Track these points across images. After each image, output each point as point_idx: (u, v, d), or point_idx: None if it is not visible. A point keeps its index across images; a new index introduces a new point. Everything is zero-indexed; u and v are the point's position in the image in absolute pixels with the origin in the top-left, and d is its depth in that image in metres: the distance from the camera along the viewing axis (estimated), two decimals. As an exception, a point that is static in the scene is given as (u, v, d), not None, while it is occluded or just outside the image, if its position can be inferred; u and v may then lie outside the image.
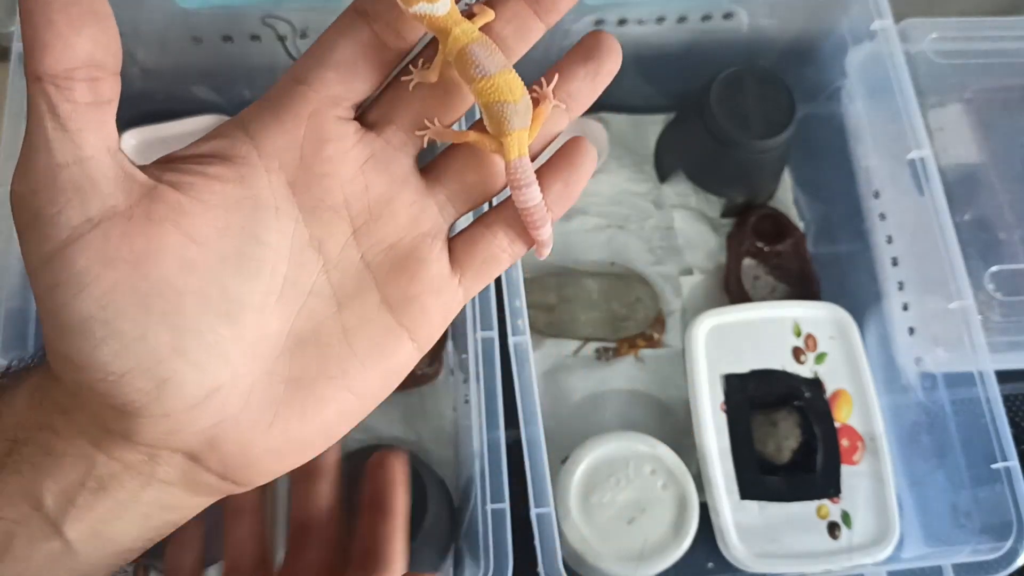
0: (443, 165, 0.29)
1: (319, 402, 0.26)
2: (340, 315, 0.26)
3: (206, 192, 0.24)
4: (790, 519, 0.63)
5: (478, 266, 0.29)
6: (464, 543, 0.61)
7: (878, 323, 0.70)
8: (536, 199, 0.28)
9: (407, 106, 0.27)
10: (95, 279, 0.23)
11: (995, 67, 0.77)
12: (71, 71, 0.22)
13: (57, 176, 0.22)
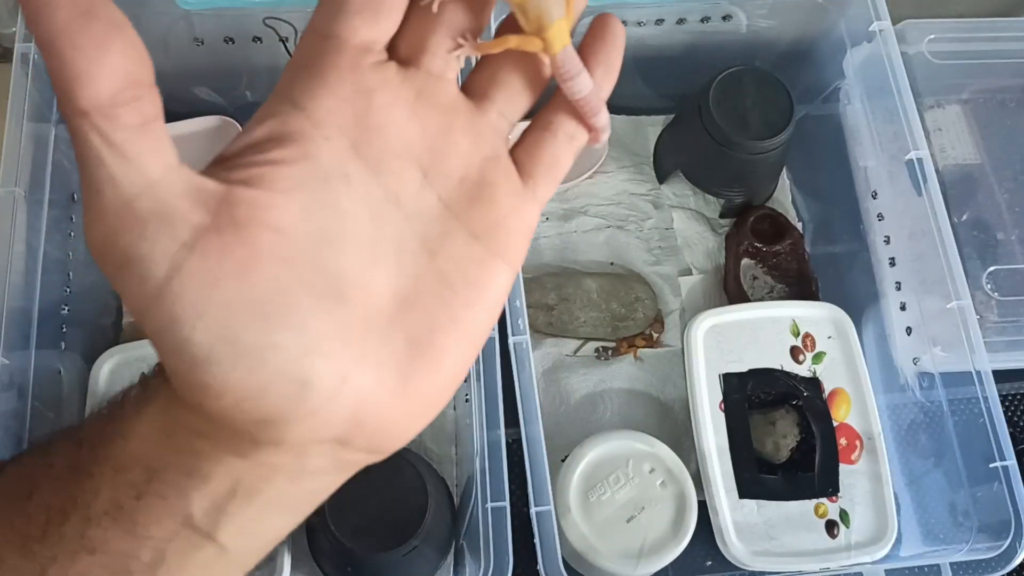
0: (484, 80, 0.28)
1: (439, 353, 0.25)
2: (434, 263, 0.26)
3: (278, 180, 0.23)
4: (788, 518, 0.64)
5: (546, 170, 0.28)
6: (465, 541, 0.61)
7: (876, 323, 0.71)
8: (589, 85, 0.27)
9: (435, 29, 0.26)
10: (209, 303, 0.22)
11: (993, 68, 0.77)
12: (114, 96, 0.21)
13: (134, 210, 0.21)
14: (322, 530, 0.57)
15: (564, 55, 0.27)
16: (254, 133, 0.24)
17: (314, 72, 0.25)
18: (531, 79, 0.28)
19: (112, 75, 0.21)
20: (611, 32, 0.28)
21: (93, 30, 0.20)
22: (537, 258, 0.75)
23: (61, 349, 0.62)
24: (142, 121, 0.21)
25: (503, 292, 0.27)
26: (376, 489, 0.58)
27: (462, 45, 0.26)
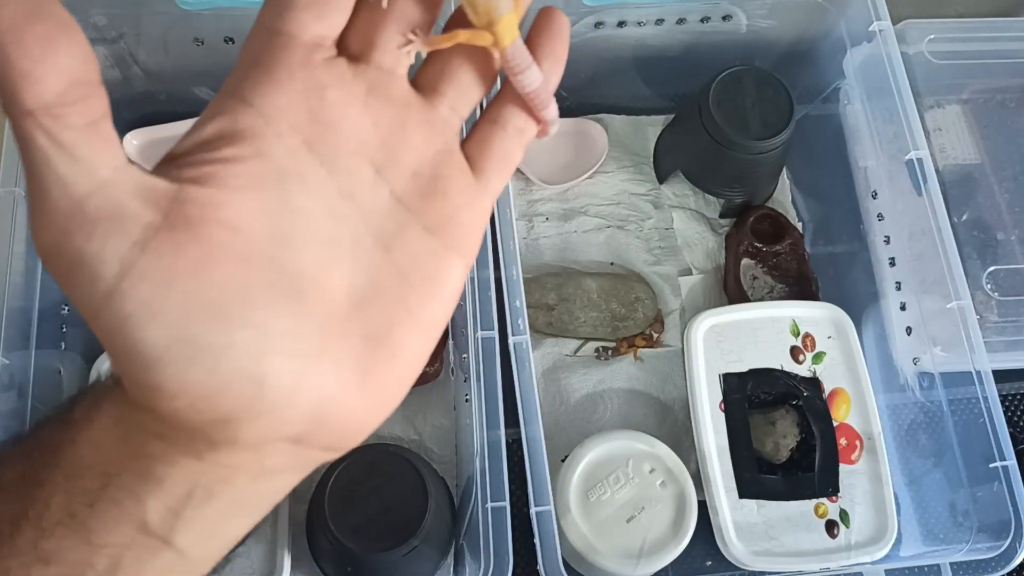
0: (434, 74, 0.28)
1: (396, 347, 0.25)
2: (390, 257, 0.26)
3: (230, 178, 0.23)
4: (788, 518, 0.64)
5: (497, 164, 0.28)
6: (465, 541, 0.61)
7: (876, 323, 0.71)
8: (539, 79, 0.27)
9: (385, 25, 0.26)
10: (164, 302, 0.21)
11: (993, 68, 0.77)
12: (61, 95, 0.20)
13: (83, 210, 0.21)
14: (322, 530, 0.57)
15: (513, 48, 0.26)
16: (204, 131, 0.24)
17: (264, 69, 0.24)
18: (481, 73, 0.28)
19: (58, 75, 0.20)
20: (557, 24, 0.28)
21: (39, 30, 0.20)
22: (537, 258, 0.75)
23: (61, 349, 0.62)
24: (89, 120, 0.21)
25: (458, 285, 0.27)
26: (376, 489, 0.58)
27: (412, 40, 0.26)
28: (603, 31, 0.72)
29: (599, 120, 0.80)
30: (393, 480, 0.59)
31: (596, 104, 0.81)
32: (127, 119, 0.74)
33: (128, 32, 0.66)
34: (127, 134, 0.73)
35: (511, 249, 0.59)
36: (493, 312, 0.57)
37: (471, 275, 0.58)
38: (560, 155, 0.79)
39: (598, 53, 0.75)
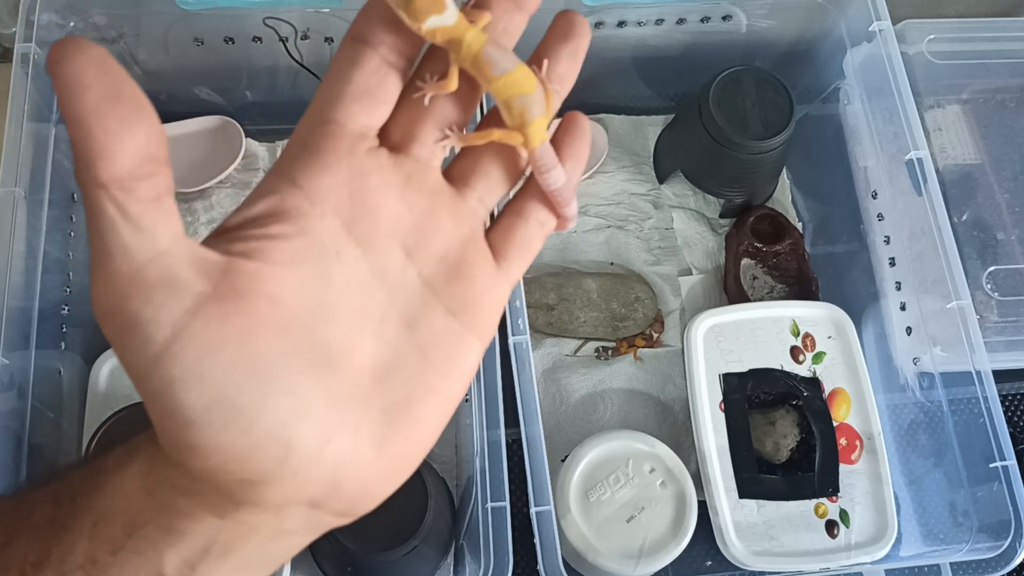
0: (466, 167, 0.29)
1: (414, 420, 0.27)
2: (413, 335, 0.27)
3: (275, 253, 0.25)
4: (788, 518, 0.64)
5: (517, 253, 0.30)
6: (465, 541, 0.61)
7: (876, 323, 0.71)
8: (563, 178, 0.29)
9: (424, 120, 0.28)
10: (210, 367, 0.23)
11: (993, 68, 0.77)
12: (132, 171, 0.22)
13: (142, 276, 0.22)
14: (322, 530, 0.57)
15: (542, 150, 0.29)
16: (254, 208, 0.26)
17: (313, 154, 0.26)
18: (509, 170, 0.30)
19: (133, 153, 0.22)
20: (580, 128, 0.30)
21: (120, 111, 0.22)
22: (537, 258, 0.75)
23: (61, 349, 0.62)
24: (156, 195, 0.23)
25: (475, 364, 0.29)
26: (376, 489, 0.58)
27: (448, 136, 0.28)
28: (603, 31, 0.72)
29: (599, 120, 0.80)
30: (393, 480, 0.59)
31: (596, 104, 0.81)
32: (127, 119, 0.74)
33: (128, 32, 0.66)
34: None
35: (511, 249, 0.59)
36: (493, 312, 0.57)
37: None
38: (560, 155, 0.79)
39: (598, 53, 0.75)
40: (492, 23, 0.28)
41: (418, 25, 0.26)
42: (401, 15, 0.26)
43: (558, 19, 0.30)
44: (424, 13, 0.26)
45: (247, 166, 0.75)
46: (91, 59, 0.21)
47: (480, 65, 0.28)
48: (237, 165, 0.74)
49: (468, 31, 0.27)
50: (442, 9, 0.27)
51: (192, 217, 0.73)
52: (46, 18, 0.60)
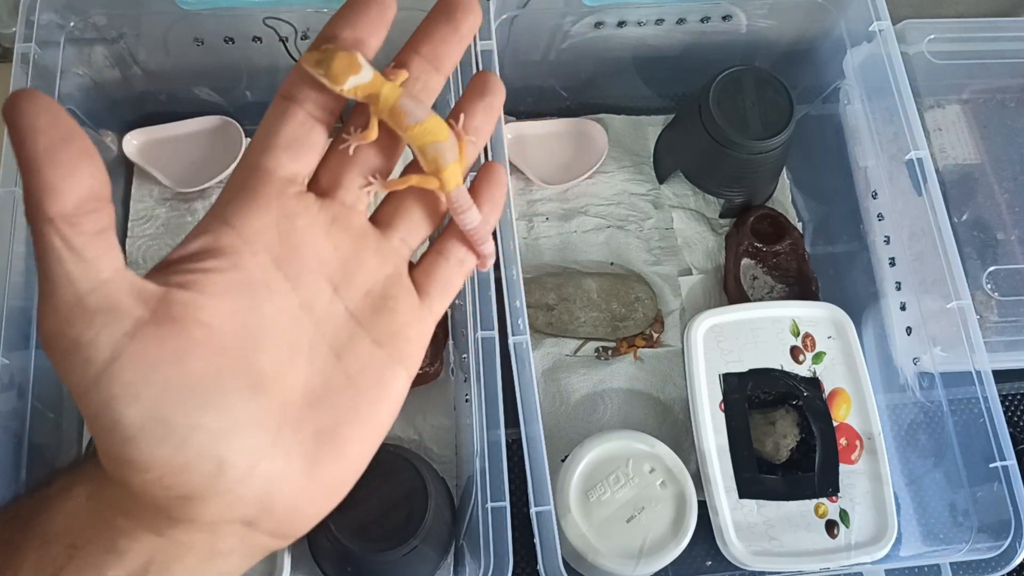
0: (390, 211, 0.32)
1: (343, 444, 0.29)
2: (341, 364, 0.29)
3: (209, 285, 0.27)
4: (788, 518, 0.64)
5: (439, 289, 0.32)
6: (465, 541, 0.61)
7: (876, 323, 0.71)
8: (477, 218, 0.32)
9: (350, 168, 0.31)
10: (146, 386, 0.25)
11: (993, 68, 0.77)
12: (77, 207, 0.24)
13: (86, 303, 0.24)
14: (322, 530, 0.57)
15: (457, 193, 0.32)
16: (190, 246, 0.28)
17: (246, 197, 0.29)
18: (429, 212, 0.33)
19: (79, 191, 0.24)
20: (496, 175, 0.34)
21: (68, 153, 0.24)
22: (537, 258, 0.75)
23: (61, 349, 0.62)
24: (99, 229, 0.25)
25: (402, 392, 0.31)
26: (376, 489, 0.58)
27: (372, 182, 0.31)
28: (603, 31, 0.72)
29: (599, 120, 0.80)
30: (393, 480, 0.59)
31: (596, 104, 0.81)
32: (127, 119, 0.74)
33: (128, 32, 0.66)
34: (127, 134, 0.73)
35: (511, 249, 0.59)
36: (493, 312, 0.57)
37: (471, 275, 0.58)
38: (560, 155, 0.79)
39: (598, 53, 0.75)
40: (411, 81, 0.32)
41: (339, 87, 0.30)
42: (322, 80, 0.30)
43: (475, 78, 0.34)
44: (343, 76, 0.30)
45: (247, 166, 0.75)
46: (44, 108, 0.24)
47: (396, 116, 0.31)
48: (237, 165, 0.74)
49: (384, 86, 0.31)
50: (358, 70, 0.30)
51: (192, 217, 0.73)
52: (46, 18, 0.60)
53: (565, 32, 0.72)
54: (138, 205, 0.73)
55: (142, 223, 0.73)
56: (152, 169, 0.73)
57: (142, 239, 0.72)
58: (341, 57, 0.30)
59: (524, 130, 0.78)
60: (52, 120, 0.24)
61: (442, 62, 0.32)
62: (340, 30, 0.30)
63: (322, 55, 0.30)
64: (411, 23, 0.33)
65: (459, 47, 0.32)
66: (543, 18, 0.70)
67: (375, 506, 0.58)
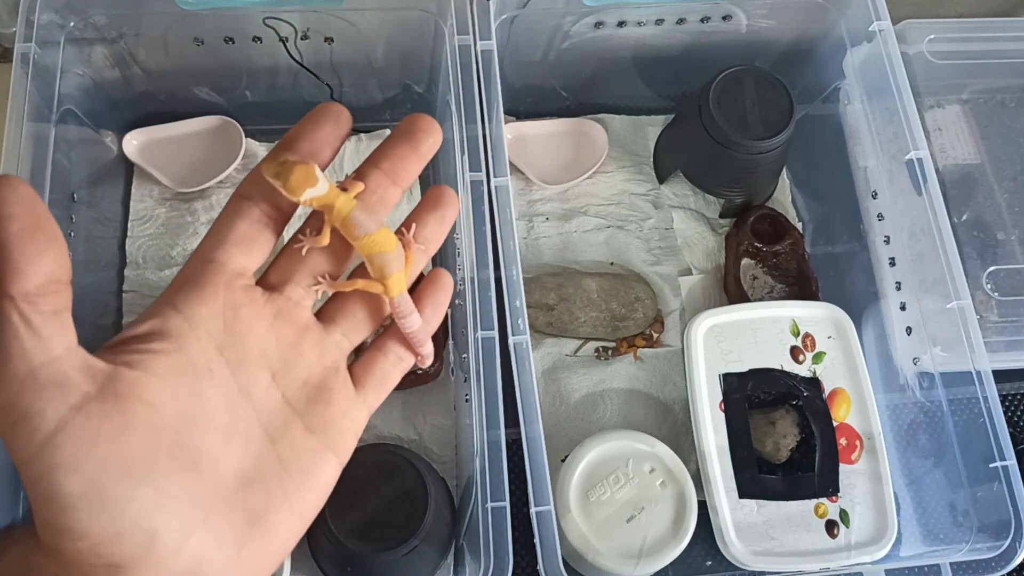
0: (335, 308, 0.34)
1: (272, 526, 0.30)
2: (274, 449, 0.31)
3: (154, 365, 0.29)
4: (788, 518, 0.64)
5: (376, 384, 0.34)
6: (465, 541, 0.61)
7: (876, 323, 0.71)
8: (417, 323, 0.34)
9: (301, 267, 0.33)
10: (86, 457, 0.26)
11: (993, 68, 0.77)
12: (39, 288, 0.26)
13: (37, 376, 0.26)
14: (322, 530, 0.57)
15: (400, 299, 0.34)
16: (139, 327, 0.30)
17: (195, 286, 0.31)
18: (372, 313, 0.34)
19: (42, 274, 0.26)
20: (441, 282, 0.36)
21: (36, 241, 0.26)
22: (537, 258, 0.75)
23: (61, 349, 0.62)
24: (55, 309, 0.27)
25: (331, 479, 0.32)
26: (376, 489, 0.58)
27: (320, 282, 0.33)
28: (603, 31, 0.72)
29: (599, 120, 0.80)
30: (393, 480, 0.59)
31: (596, 104, 0.81)
32: (127, 119, 0.74)
33: (128, 32, 0.66)
34: (128, 134, 0.73)
35: (511, 249, 0.59)
36: (493, 312, 0.57)
37: (471, 275, 0.58)
38: (560, 155, 0.79)
39: (598, 53, 0.75)
40: (368, 192, 0.34)
41: (296, 198, 0.32)
42: (280, 190, 0.31)
43: (431, 191, 0.36)
44: (300, 188, 0.31)
45: (247, 166, 0.75)
46: (21, 197, 0.26)
47: (348, 226, 0.33)
48: (237, 165, 0.74)
49: (339, 198, 0.33)
50: (315, 183, 0.32)
51: (192, 217, 0.73)
52: (46, 18, 0.60)
53: (565, 32, 0.72)
54: (138, 205, 0.73)
55: (142, 223, 0.73)
56: (152, 169, 0.73)
57: (142, 239, 0.72)
58: (299, 170, 0.31)
59: (524, 130, 0.78)
60: (26, 209, 0.26)
61: (400, 177, 0.34)
62: (298, 141, 0.32)
63: (281, 167, 0.31)
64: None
65: (418, 164, 0.34)
66: (543, 18, 0.70)
67: (375, 506, 0.58)
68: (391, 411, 0.68)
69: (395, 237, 0.34)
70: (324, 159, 0.33)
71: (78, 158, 0.66)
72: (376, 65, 0.72)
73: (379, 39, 0.69)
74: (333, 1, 0.64)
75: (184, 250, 0.72)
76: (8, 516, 0.54)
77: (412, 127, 0.34)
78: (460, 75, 0.62)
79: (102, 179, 0.72)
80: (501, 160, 0.61)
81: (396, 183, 0.34)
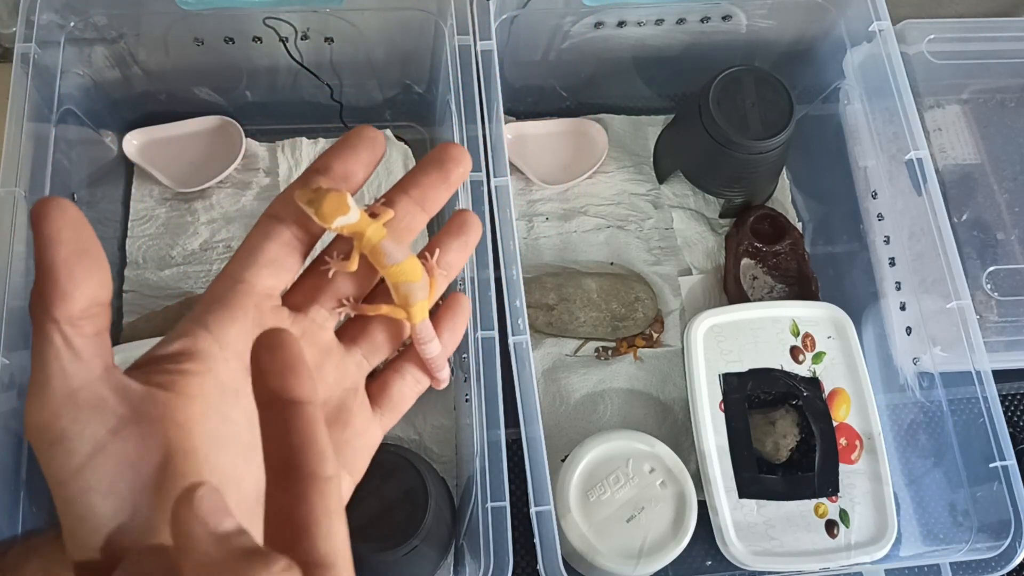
0: (356, 329, 0.35)
1: None
2: None
3: (185, 387, 0.29)
4: (788, 517, 0.64)
5: (392, 405, 0.35)
6: (465, 541, 0.61)
7: (876, 323, 0.71)
8: (437, 349, 0.35)
9: (326, 289, 0.34)
10: (122, 481, 0.26)
11: (992, 68, 0.77)
12: (83, 311, 0.26)
13: (76, 399, 0.26)
14: (322, 530, 0.57)
15: (422, 326, 0.34)
16: (170, 347, 0.30)
17: (225, 306, 0.31)
18: (392, 336, 0.35)
19: (87, 298, 0.26)
20: (459, 308, 0.36)
21: (84, 265, 0.26)
22: (537, 258, 0.75)
23: (61, 349, 0.62)
24: (96, 331, 0.27)
25: (345, 498, 0.32)
26: (376, 489, 0.58)
27: (344, 305, 0.34)
28: (603, 31, 0.72)
29: (599, 120, 0.80)
30: (393, 480, 0.59)
31: (596, 104, 0.81)
32: (127, 119, 0.74)
33: (128, 32, 0.66)
34: (128, 134, 0.73)
35: (511, 249, 0.59)
36: (493, 312, 0.57)
37: (471, 275, 0.58)
38: (560, 155, 0.79)
39: (598, 53, 0.75)
40: (396, 219, 0.34)
41: (328, 225, 0.32)
42: (312, 216, 0.32)
43: (456, 216, 0.36)
44: (332, 216, 0.32)
45: (247, 166, 0.75)
46: (70, 221, 0.26)
47: (377, 255, 0.33)
48: (237, 165, 0.74)
49: (369, 226, 0.33)
50: (347, 211, 0.32)
51: (192, 217, 0.73)
52: (46, 18, 0.60)
53: (565, 32, 0.72)
54: (138, 205, 0.73)
55: (142, 223, 0.73)
56: (152, 169, 0.73)
57: (142, 239, 0.72)
58: (332, 198, 0.32)
59: (524, 130, 0.78)
60: (75, 234, 0.26)
61: (428, 204, 0.35)
62: (332, 162, 0.33)
63: (314, 195, 0.32)
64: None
65: (446, 193, 0.35)
66: (543, 18, 0.70)
67: (375, 506, 0.58)
68: (391, 411, 0.68)
69: (421, 266, 0.34)
70: (357, 182, 0.33)
71: (78, 158, 0.66)
72: (376, 65, 0.72)
73: (379, 39, 0.70)
74: (333, 1, 0.64)
75: (184, 250, 0.72)
76: (6, 516, 0.54)
77: (443, 156, 0.34)
78: (460, 75, 0.62)
79: (102, 179, 0.72)
80: (501, 160, 0.61)
81: (424, 210, 0.35)
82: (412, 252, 0.34)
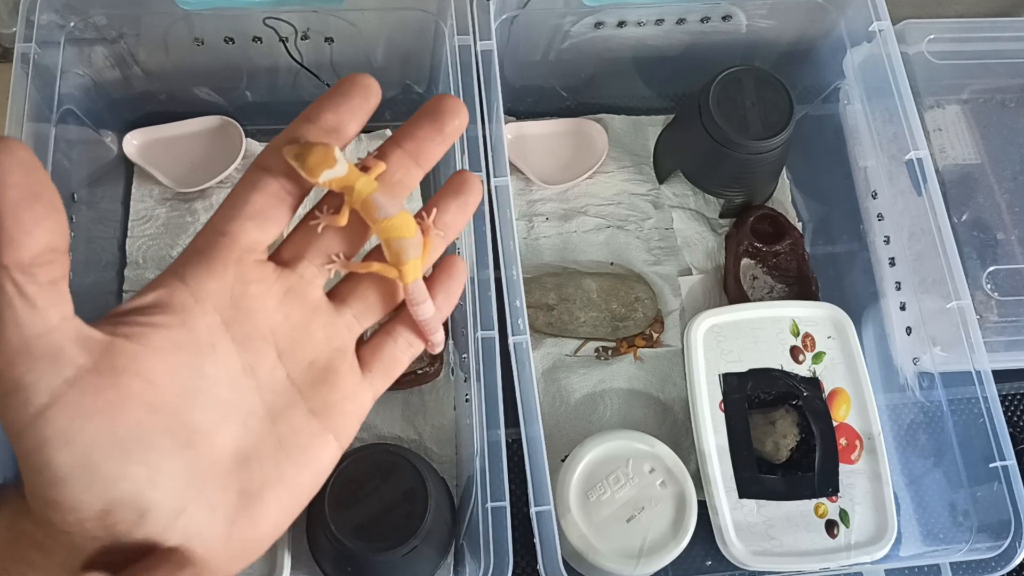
0: (347, 289, 0.34)
1: (266, 506, 0.30)
2: (275, 428, 0.30)
3: (155, 339, 0.28)
4: (788, 518, 0.64)
5: (384, 368, 0.34)
6: (465, 541, 0.61)
7: (876, 323, 0.71)
8: (431, 311, 0.34)
9: (315, 244, 0.32)
10: (78, 432, 0.25)
11: (993, 68, 0.77)
12: (34, 258, 0.25)
13: (31, 348, 0.25)
14: (322, 530, 0.57)
15: (414, 286, 0.33)
16: (143, 299, 0.29)
17: (204, 258, 0.30)
18: (385, 297, 0.34)
19: (38, 243, 0.25)
20: (455, 270, 0.35)
21: (35, 209, 0.25)
22: (537, 258, 0.75)
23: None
24: (52, 279, 0.26)
25: (330, 462, 0.32)
26: (376, 489, 0.58)
27: (334, 261, 0.33)
28: (603, 31, 0.72)
29: (599, 120, 0.80)
30: (393, 480, 0.59)
31: (596, 104, 0.81)
32: (127, 119, 0.74)
33: (128, 32, 0.66)
34: (128, 134, 0.73)
35: (511, 249, 0.59)
36: (493, 312, 0.57)
37: (471, 275, 0.58)
38: (560, 155, 0.79)
39: (598, 53, 0.75)
40: (388, 174, 0.33)
41: (314, 179, 0.31)
42: (298, 170, 0.31)
43: (455, 177, 0.35)
44: (318, 169, 0.31)
45: (247, 167, 0.75)
46: (19, 162, 0.25)
47: (367, 209, 0.32)
48: (237, 165, 0.74)
49: (359, 179, 0.32)
50: (333, 164, 0.31)
51: (192, 217, 0.73)
52: (46, 18, 0.60)
53: (565, 32, 0.72)
54: (138, 205, 0.73)
55: (142, 223, 0.73)
56: (152, 169, 0.73)
57: (142, 239, 0.72)
58: (317, 151, 0.31)
59: (524, 130, 0.78)
60: (24, 175, 0.25)
61: (423, 158, 0.33)
62: (322, 113, 0.31)
63: (301, 148, 0.31)
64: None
65: (442, 146, 0.33)
66: (543, 18, 0.70)
67: (375, 506, 0.58)
68: (391, 411, 0.68)
69: (415, 222, 0.33)
70: (350, 133, 0.32)
71: (78, 158, 0.66)
72: (376, 65, 0.72)
73: (379, 39, 0.70)
74: (333, 1, 0.64)
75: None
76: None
77: (438, 107, 0.33)
78: (460, 75, 0.62)
79: (102, 179, 0.72)
80: (501, 160, 0.61)
81: (419, 164, 0.34)
82: (406, 208, 0.33)
